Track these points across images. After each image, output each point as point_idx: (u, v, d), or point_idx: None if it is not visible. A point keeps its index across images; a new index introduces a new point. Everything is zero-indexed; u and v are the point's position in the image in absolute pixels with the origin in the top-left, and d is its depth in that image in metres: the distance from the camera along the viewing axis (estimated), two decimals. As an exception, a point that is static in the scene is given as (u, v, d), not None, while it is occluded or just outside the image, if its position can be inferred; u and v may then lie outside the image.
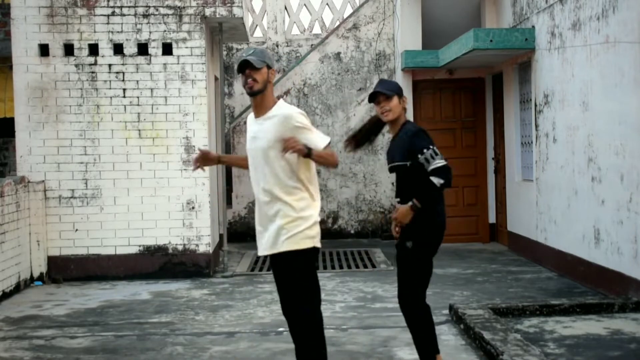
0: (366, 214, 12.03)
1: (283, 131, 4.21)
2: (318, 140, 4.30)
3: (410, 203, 4.61)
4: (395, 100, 4.74)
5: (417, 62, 10.88)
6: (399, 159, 4.73)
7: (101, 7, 8.81)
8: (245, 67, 4.26)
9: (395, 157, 4.77)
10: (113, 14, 8.83)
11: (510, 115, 10.27)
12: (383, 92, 4.73)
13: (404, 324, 6.38)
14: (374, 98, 4.78)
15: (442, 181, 4.55)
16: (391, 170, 4.87)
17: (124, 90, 8.82)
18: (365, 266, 9.37)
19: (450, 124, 11.40)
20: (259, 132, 4.34)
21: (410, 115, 11.30)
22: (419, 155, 4.60)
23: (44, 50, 8.76)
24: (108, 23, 8.83)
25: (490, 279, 8.34)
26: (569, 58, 7.95)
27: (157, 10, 8.87)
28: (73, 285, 8.54)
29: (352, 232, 11.99)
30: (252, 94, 4.30)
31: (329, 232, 11.56)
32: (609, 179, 7.02)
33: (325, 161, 4.32)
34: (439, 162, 4.58)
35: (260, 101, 4.35)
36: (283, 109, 4.33)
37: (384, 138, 12.06)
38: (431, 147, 4.62)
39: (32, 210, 8.56)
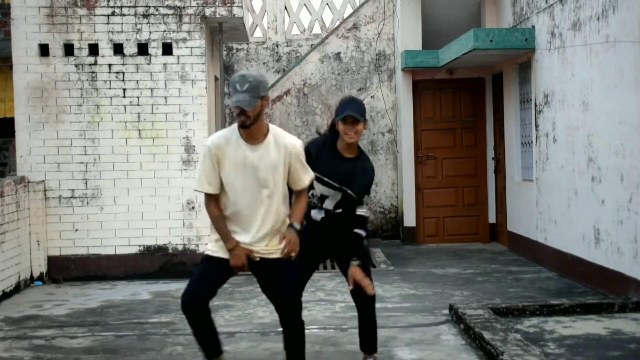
0: (366, 214, 12.01)
1: (282, 161, 4.36)
2: (306, 179, 4.47)
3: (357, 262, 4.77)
4: (362, 125, 4.75)
5: (417, 62, 10.88)
6: (356, 190, 4.76)
7: (101, 7, 8.81)
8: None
9: (353, 185, 4.76)
10: (113, 14, 8.83)
11: (510, 115, 10.27)
12: (355, 117, 4.70)
13: (403, 323, 6.40)
14: (344, 118, 4.71)
15: (365, 233, 4.80)
16: (336, 188, 4.79)
17: (124, 90, 8.82)
18: (365, 266, 9.36)
19: (450, 124, 11.40)
20: (255, 158, 4.35)
21: (410, 115, 11.32)
22: (365, 196, 4.83)
23: (44, 50, 8.76)
24: (108, 23, 8.83)
25: (490, 279, 8.34)
26: (569, 58, 7.96)
27: (157, 10, 8.87)
28: (73, 285, 8.54)
29: (352, 232, 11.97)
30: (244, 127, 4.29)
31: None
32: (609, 179, 7.02)
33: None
34: (365, 211, 4.85)
35: (253, 131, 4.35)
36: (285, 138, 4.42)
37: (384, 138, 12.08)
38: (368, 196, 4.91)
39: (32, 210, 8.56)
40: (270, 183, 4.38)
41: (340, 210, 4.87)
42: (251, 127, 4.30)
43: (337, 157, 4.81)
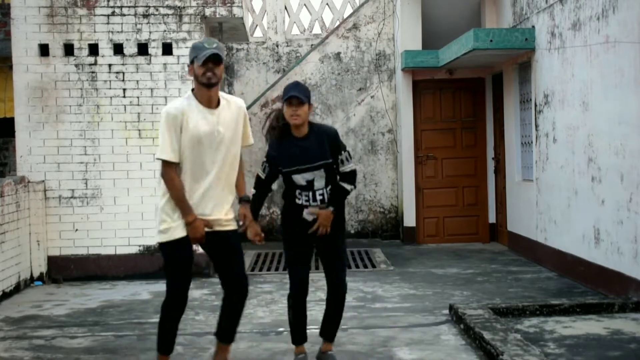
0: (366, 214, 12.03)
1: (238, 120, 4.70)
2: (251, 136, 4.90)
3: (331, 209, 4.95)
4: (306, 107, 4.92)
5: (417, 62, 10.88)
6: (326, 156, 4.94)
7: (101, 7, 8.81)
8: (211, 59, 4.51)
9: (319, 155, 4.94)
10: (113, 14, 8.83)
11: (510, 115, 10.27)
12: (299, 97, 4.86)
13: (403, 324, 6.40)
14: (288, 99, 4.90)
15: (352, 187, 5.01)
16: (313, 168, 4.95)
17: (124, 90, 8.83)
18: (365, 266, 9.37)
19: (450, 124, 11.40)
20: (215, 120, 4.60)
21: (410, 115, 11.32)
22: (342, 152, 4.98)
23: (44, 50, 8.76)
24: (108, 23, 8.83)
25: (490, 279, 8.34)
26: (569, 58, 7.96)
27: (157, 10, 8.87)
28: (73, 285, 8.54)
29: (352, 232, 11.99)
30: (210, 85, 4.55)
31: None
32: (609, 179, 7.02)
33: None
34: (352, 165, 5.03)
35: (213, 93, 4.62)
36: (232, 98, 4.76)
37: (384, 138, 12.08)
38: (347, 149, 5.06)
39: (32, 210, 8.56)
40: (230, 144, 4.64)
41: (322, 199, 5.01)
42: (214, 87, 4.55)
43: (295, 142, 4.98)
